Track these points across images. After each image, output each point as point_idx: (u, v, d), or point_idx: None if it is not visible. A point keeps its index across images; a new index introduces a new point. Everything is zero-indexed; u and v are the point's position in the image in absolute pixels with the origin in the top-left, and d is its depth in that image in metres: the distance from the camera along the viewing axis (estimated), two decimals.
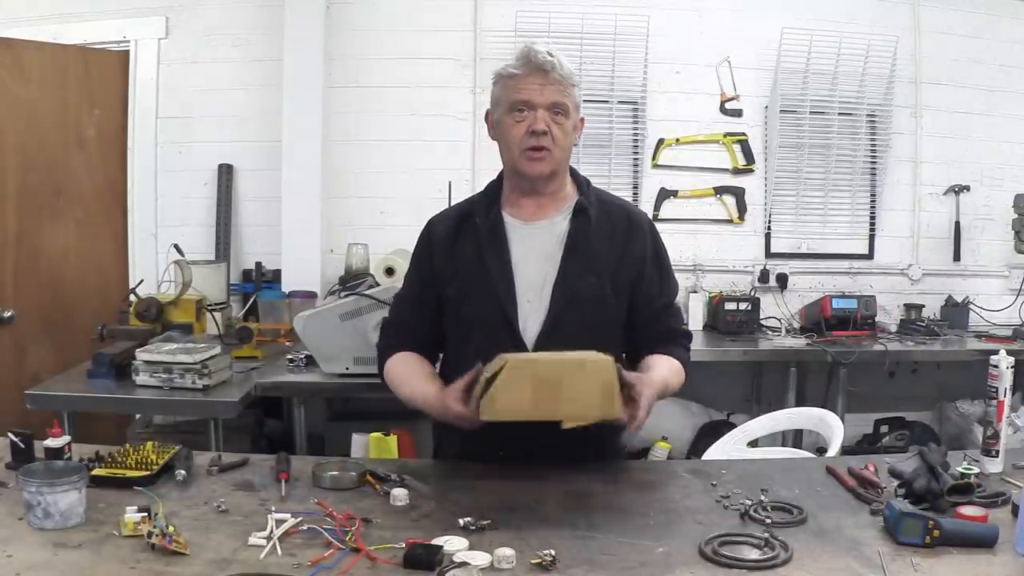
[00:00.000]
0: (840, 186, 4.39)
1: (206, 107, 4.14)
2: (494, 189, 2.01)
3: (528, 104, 1.86)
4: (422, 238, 2.05)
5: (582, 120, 1.97)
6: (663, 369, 1.89)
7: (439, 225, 2.03)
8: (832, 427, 2.52)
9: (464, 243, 1.95)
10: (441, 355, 2.05)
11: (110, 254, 4.14)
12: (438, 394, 1.81)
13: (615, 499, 1.72)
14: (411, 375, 1.96)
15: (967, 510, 1.57)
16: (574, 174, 2.02)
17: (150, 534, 1.41)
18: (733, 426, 3.41)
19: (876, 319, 4.09)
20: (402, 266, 3.21)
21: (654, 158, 4.30)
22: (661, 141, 4.29)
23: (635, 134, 4.29)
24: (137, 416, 3.50)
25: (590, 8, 4.10)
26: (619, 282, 1.93)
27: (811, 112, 4.30)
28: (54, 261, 3.90)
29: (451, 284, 1.94)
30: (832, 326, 3.99)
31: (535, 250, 1.93)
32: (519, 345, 1.86)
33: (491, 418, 1.62)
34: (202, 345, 2.94)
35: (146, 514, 1.47)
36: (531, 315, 1.89)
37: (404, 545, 1.42)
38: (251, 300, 3.96)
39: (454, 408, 1.72)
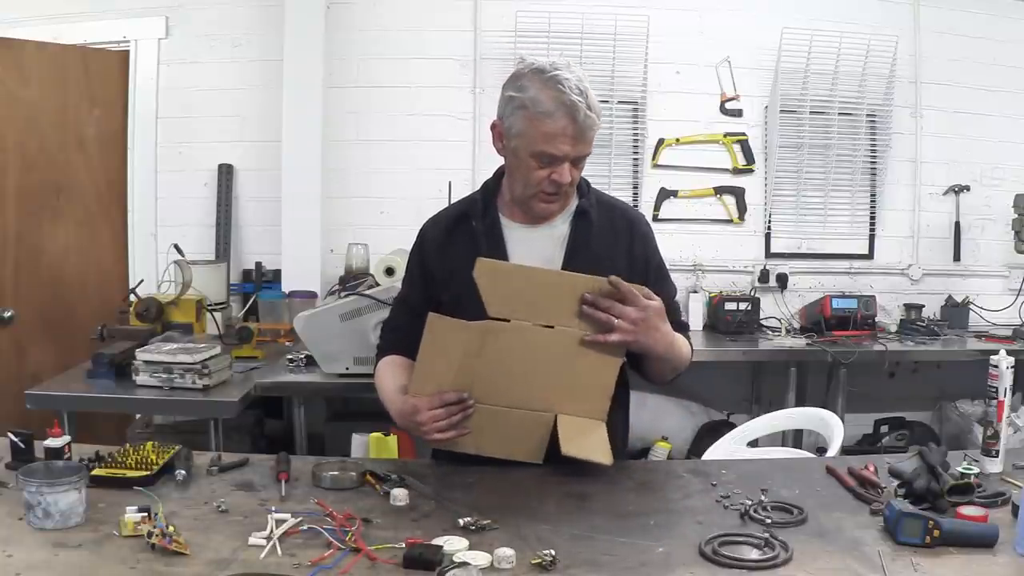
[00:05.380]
0: (840, 186, 4.39)
1: (206, 107, 4.14)
2: (491, 189, 1.99)
3: (556, 159, 1.80)
4: (415, 243, 2.04)
5: None
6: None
7: (432, 229, 2.01)
8: (832, 427, 2.53)
9: (459, 246, 1.92)
10: None
11: (110, 254, 4.14)
12: (404, 397, 1.82)
13: (615, 499, 1.72)
14: (387, 379, 1.94)
15: (967, 510, 1.57)
16: None
17: (150, 534, 1.40)
18: (733, 426, 3.41)
19: (876, 319, 4.09)
20: (402, 266, 3.19)
21: (654, 158, 4.30)
22: (661, 141, 4.29)
23: (635, 134, 4.29)
24: (137, 416, 3.50)
25: (590, 8, 4.10)
26: None
27: (811, 112, 4.30)
28: (54, 261, 3.90)
29: (446, 288, 1.92)
30: (832, 326, 3.99)
31: (535, 253, 1.90)
32: None
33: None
34: (202, 345, 2.94)
35: (146, 514, 1.47)
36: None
37: (404, 545, 1.42)
38: (251, 300, 3.96)
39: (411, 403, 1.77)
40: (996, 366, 1.91)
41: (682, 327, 2.00)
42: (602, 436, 1.80)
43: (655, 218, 4.25)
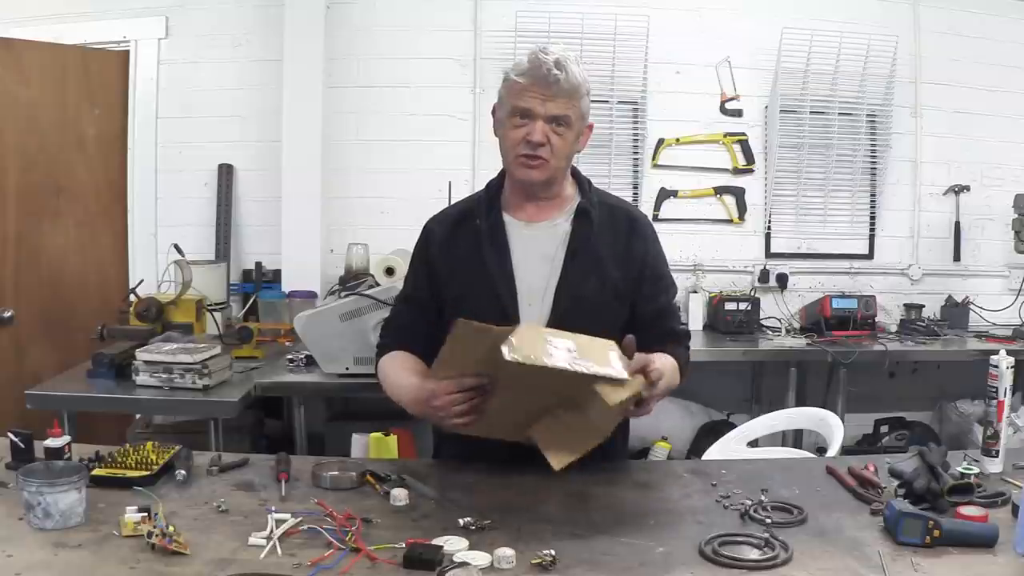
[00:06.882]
0: (840, 186, 4.39)
1: (206, 107, 4.13)
2: (495, 188, 2.00)
3: (528, 113, 1.83)
4: (420, 239, 2.04)
5: (590, 127, 1.94)
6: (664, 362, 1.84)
7: (437, 227, 2.02)
8: (832, 427, 2.53)
9: (463, 244, 1.94)
10: None
11: (110, 254, 4.14)
12: (420, 382, 1.80)
13: (615, 499, 1.72)
14: (397, 370, 1.95)
15: (967, 510, 1.57)
16: (576, 174, 2.01)
17: (150, 534, 1.41)
18: (733, 426, 3.41)
19: (876, 319, 4.09)
20: (402, 266, 3.21)
21: (654, 158, 4.30)
22: (661, 141, 4.29)
23: (635, 134, 4.29)
24: (137, 416, 3.50)
25: (590, 8, 4.10)
26: (621, 284, 1.92)
27: (811, 112, 4.30)
28: (54, 261, 3.90)
29: (449, 286, 1.93)
30: (832, 326, 3.99)
31: (536, 252, 1.91)
32: None
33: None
34: (202, 345, 2.93)
35: (146, 514, 1.47)
36: (533, 318, 1.87)
37: (404, 545, 1.42)
38: (251, 300, 3.96)
39: (430, 387, 1.73)
40: (996, 366, 1.91)
41: (679, 335, 2.00)
42: (589, 442, 1.73)
43: (655, 218, 4.24)
